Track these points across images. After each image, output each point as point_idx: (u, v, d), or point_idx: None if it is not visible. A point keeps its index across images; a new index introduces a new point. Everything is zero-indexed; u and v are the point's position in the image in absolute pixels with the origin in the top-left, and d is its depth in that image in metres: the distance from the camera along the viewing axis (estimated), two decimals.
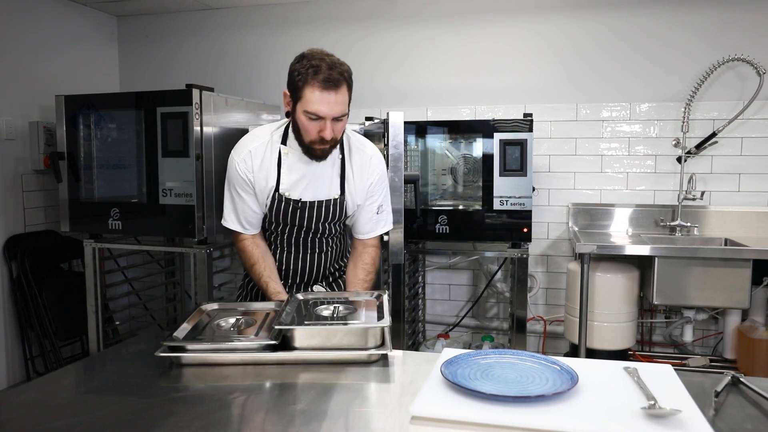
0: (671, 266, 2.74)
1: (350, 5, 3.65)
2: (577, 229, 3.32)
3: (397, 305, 2.94)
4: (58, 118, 2.95)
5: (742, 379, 1.25)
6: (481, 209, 2.96)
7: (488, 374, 1.26)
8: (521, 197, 2.90)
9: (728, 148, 3.18)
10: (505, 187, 2.91)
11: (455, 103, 3.53)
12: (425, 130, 3.12)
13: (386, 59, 3.60)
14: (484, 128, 2.95)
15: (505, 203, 2.92)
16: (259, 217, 1.93)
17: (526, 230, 2.90)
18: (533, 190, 2.96)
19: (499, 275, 3.42)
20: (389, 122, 2.59)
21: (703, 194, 3.10)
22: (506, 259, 3.35)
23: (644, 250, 2.75)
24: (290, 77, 1.74)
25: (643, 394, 1.15)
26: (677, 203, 3.17)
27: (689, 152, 3.19)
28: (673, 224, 3.19)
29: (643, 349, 3.33)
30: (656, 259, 2.73)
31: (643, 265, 2.97)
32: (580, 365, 1.28)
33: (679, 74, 3.22)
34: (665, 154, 3.27)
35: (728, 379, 1.25)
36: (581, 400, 1.14)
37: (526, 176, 2.89)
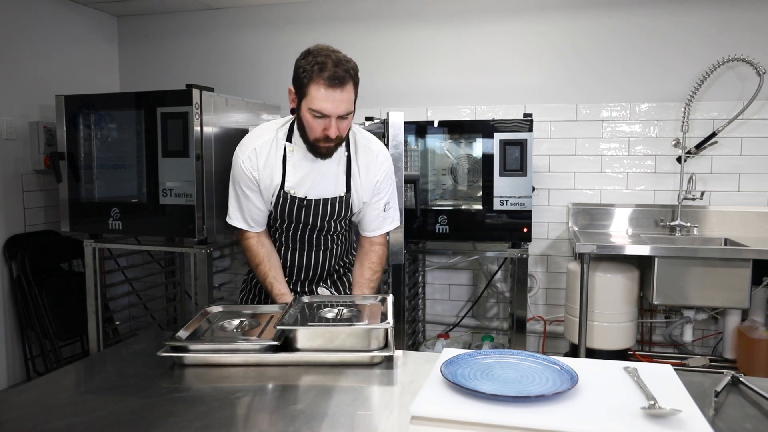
0: (671, 266, 2.74)
1: (350, 5, 3.65)
2: (577, 229, 3.32)
3: (397, 305, 2.93)
4: (58, 118, 2.95)
5: (741, 379, 1.25)
6: (481, 209, 2.96)
7: (488, 374, 1.26)
8: (521, 197, 2.90)
9: (728, 148, 3.18)
10: (505, 187, 2.91)
11: (455, 103, 3.53)
12: (425, 130, 3.12)
13: (386, 59, 3.60)
14: (484, 128, 2.95)
15: (505, 203, 2.92)
16: (264, 214, 1.91)
17: (526, 230, 2.90)
18: (533, 190, 2.97)
19: (499, 275, 3.42)
20: (389, 122, 2.59)
21: (703, 194, 3.10)
22: (506, 259, 3.35)
23: (644, 250, 2.75)
24: (295, 74, 1.70)
25: (643, 394, 1.16)
26: (677, 203, 3.17)
27: (689, 152, 3.19)
28: (673, 224, 3.19)
29: (643, 349, 3.33)
30: (656, 259, 2.73)
31: (643, 265, 2.97)
32: (580, 365, 1.28)
33: (679, 74, 3.22)
34: (665, 154, 3.27)
35: (728, 379, 1.25)
36: (581, 400, 1.14)
37: (526, 176, 2.89)
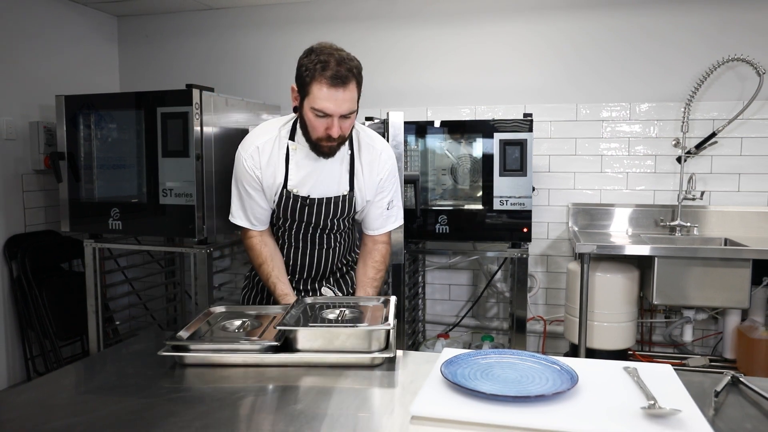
0: (671, 266, 2.74)
1: (350, 5, 3.65)
2: (577, 229, 3.32)
3: (397, 305, 2.93)
4: (58, 118, 2.95)
5: (741, 378, 1.25)
6: (481, 209, 2.96)
7: (488, 374, 1.26)
8: (521, 197, 2.90)
9: (728, 148, 3.18)
10: (505, 187, 2.91)
11: (455, 103, 3.53)
12: (425, 130, 3.12)
13: (386, 59, 3.60)
14: (484, 128, 2.95)
15: (505, 203, 2.92)
16: (267, 213, 1.89)
17: (526, 230, 2.90)
18: (533, 190, 2.97)
19: (499, 275, 3.42)
20: (389, 122, 2.59)
21: (702, 194, 3.10)
22: (506, 259, 3.35)
23: (644, 250, 2.75)
24: (298, 72, 1.68)
25: (643, 394, 1.16)
26: (677, 203, 3.17)
27: (689, 152, 3.19)
28: (672, 224, 3.19)
29: (643, 349, 3.33)
30: (656, 259, 2.73)
31: (643, 265, 2.97)
32: (580, 365, 1.28)
33: (679, 74, 3.22)
34: (665, 154, 3.27)
35: (728, 379, 1.25)
36: (581, 400, 1.14)
37: (526, 176, 2.89)
